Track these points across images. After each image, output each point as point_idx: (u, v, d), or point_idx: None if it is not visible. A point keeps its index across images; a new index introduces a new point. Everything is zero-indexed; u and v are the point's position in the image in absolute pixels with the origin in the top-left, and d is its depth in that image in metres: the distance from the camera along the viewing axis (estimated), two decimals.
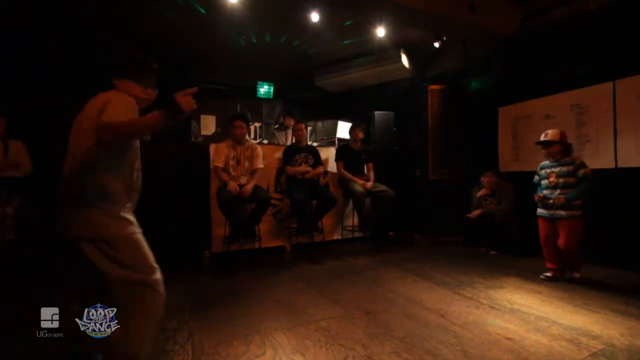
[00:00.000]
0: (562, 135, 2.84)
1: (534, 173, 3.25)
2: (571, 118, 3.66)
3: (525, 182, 3.95)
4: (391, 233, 4.67)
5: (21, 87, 4.76)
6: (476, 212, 3.93)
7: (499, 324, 2.00)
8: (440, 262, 3.46)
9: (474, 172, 4.18)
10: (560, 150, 2.84)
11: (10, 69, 4.71)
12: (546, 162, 2.98)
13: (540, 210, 2.96)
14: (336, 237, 4.38)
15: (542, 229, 2.95)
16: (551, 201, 2.81)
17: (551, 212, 2.84)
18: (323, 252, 3.88)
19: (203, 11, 3.77)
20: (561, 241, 2.78)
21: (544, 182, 2.94)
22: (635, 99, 3.18)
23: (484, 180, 3.97)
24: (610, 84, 3.36)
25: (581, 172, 2.73)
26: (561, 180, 2.80)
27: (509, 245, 3.74)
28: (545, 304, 2.32)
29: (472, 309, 2.23)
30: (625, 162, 3.25)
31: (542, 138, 2.90)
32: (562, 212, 2.77)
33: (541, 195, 2.92)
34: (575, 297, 2.46)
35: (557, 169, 2.85)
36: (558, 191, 2.79)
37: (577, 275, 2.84)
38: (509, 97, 4.33)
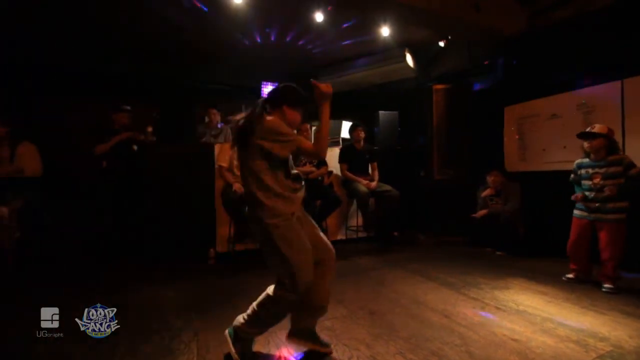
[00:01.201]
0: (610, 131, 2.59)
1: (541, 173, 3.19)
2: (578, 117, 3.62)
3: (531, 182, 3.93)
4: (395, 233, 4.65)
5: (24, 88, 4.80)
6: (481, 212, 3.90)
7: (505, 325, 1.99)
8: (444, 262, 3.44)
9: (480, 171, 4.15)
10: (604, 145, 2.57)
11: (11, 69, 4.75)
12: (585, 160, 2.70)
13: (578, 212, 2.74)
14: (340, 237, 4.38)
15: (576, 229, 2.74)
16: (597, 204, 2.59)
17: (594, 214, 2.61)
18: None
19: (206, 10, 3.78)
20: (605, 247, 2.55)
21: (586, 182, 2.67)
22: None
23: (490, 179, 3.94)
24: (618, 83, 3.32)
25: (633, 171, 2.47)
26: (609, 182, 2.53)
27: (514, 246, 3.71)
28: (552, 305, 2.30)
29: (477, 310, 2.21)
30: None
31: (587, 130, 2.64)
32: (606, 216, 2.56)
33: (581, 195, 2.66)
34: (582, 298, 2.43)
35: (602, 170, 2.57)
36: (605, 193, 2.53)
37: (609, 285, 2.56)
38: (515, 96, 4.30)
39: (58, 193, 3.77)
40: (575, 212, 2.79)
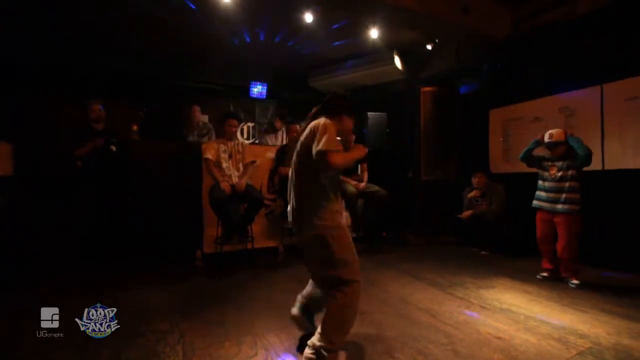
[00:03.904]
0: (566, 134, 2.85)
1: (525, 174, 3.31)
2: (560, 120, 3.72)
3: (515, 183, 4.01)
4: (384, 233, 4.68)
5: (8, 86, 4.64)
6: (467, 213, 3.96)
7: (489, 324, 2.02)
8: (432, 262, 3.48)
9: (466, 173, 4.22)
10: (566, 150, 2.83)
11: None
12: (548, 155, 2.99)
13: (536, 202, 2.94)
14: None
15: (540, 225, 2.93)
16: (552, 194, 2.81)
17: (550, 204, 2.83)
18: None
19: (194, 7, 3.73)
20: (560, 239, 2.76)
21: (545, 173, 2.95)
22: (622, 103, 3.25)
23: (475, 181, 4.02)
24: (598, 87, 3.43)
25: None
26: (560, 173, 2.82)
27: (499, 246, 3.79)
28: (535, 304, 2.35)
29: (462, 309, 2.25)
30: (612, 165, 3.31)
31: (546, 139, 2.90)
32: (559, 207, 2.76)
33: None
34: (563, 296, 2.50)
35: (559, 164, 2.85)
36: (566, 184, 2.76)
37: (575, 280, 2.72)
38: (500, 99, 4.39)
39: (41, 193, 3.66)
40: (535, 202, 2.97)
